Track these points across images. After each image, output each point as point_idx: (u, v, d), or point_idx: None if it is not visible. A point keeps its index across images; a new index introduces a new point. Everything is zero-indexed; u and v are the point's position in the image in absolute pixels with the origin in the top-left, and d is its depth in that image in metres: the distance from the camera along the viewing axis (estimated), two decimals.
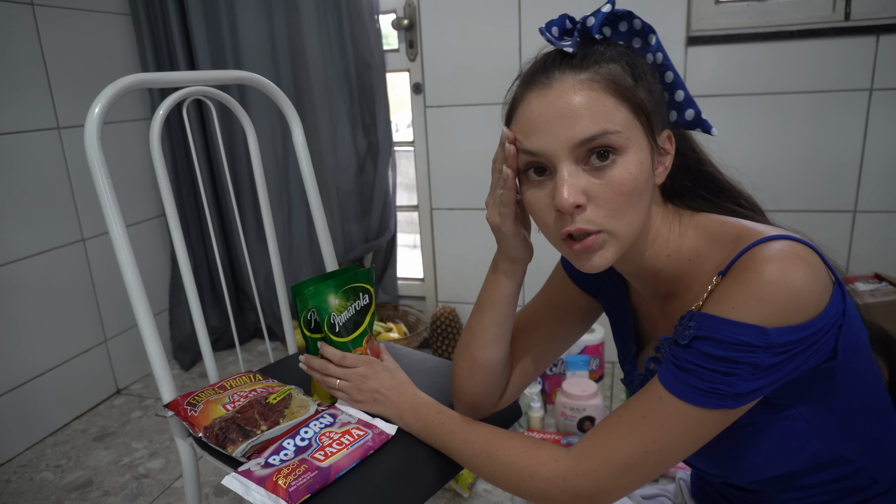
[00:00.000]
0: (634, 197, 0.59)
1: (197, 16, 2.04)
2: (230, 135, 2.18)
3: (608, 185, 0.58)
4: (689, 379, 0.57)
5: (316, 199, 1.21)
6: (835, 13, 1.67)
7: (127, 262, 0.89)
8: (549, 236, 0.64)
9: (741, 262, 0.57)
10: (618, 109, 0.58)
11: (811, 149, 1.75)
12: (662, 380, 0.59)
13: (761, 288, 0.53)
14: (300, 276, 2.25)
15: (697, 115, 0.64)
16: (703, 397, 0.56)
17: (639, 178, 0.59)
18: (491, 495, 1.48)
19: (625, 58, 0.60)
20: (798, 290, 0.53)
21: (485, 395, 0.82)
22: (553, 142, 0.58)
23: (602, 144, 0.57)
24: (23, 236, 1.74)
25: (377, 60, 1.99)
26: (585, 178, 0.59)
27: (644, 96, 0.60)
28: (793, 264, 0.54)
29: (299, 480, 0.73)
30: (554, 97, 0.59)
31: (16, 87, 1.70)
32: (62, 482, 1.61)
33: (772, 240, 0.56)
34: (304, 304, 0.94)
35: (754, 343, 0.53)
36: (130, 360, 2.11)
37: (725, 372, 0.55)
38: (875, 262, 1.74)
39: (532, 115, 0.60)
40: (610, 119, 0.57)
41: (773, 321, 0.53)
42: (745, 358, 0.54)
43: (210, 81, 1.07)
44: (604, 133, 0.57)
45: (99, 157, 0.86)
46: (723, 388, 0.55)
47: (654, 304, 0.72)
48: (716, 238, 0.63)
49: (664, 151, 0.64)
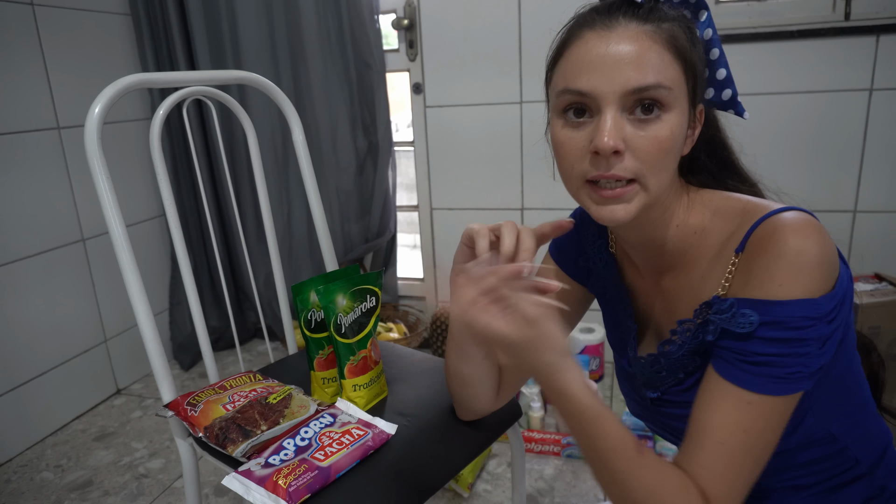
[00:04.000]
0: (670, 156, 0.60)
1: (197, 16, 2.04)
2: (230, 135, 2.18)
3: (649, 139, 0.58)
4: (770, 371, 0.56)
5: (316, 199, 1.21)
6: (835, 13, 1.67)
7: (127, 262, 0.89)
8: (571, 180, 0.63)
9: (761, 237, 0.57)
10: (673, 66, 0.59)
11: (811, 149, 1.75)
12: (742, 383, 0.57)
13: (797, 260, 0.54)
14: (300, 276, 2.25)
15: (734, 95, 0.65)
16: (787, 384, 0.56)
17: (677, 139, 0.60)
18: (491, 495, 1.48)
19: (685, 21, 0.62)
20: (826, 255, 0.55)
21: (477, 401, 0.83)
22: (606, 84, 0.57)
23: (652, 97, 0.58)
24: (23, 236, 1.74)
25: (377, 60, 1.99)
26: (629, 127, 0.58)
27: (697, 61, 0.61)
28: (814, 232, 0.55)
29: (299, 480, 0.73)
30: (616, 40, 0.58)
31: (16, 87, 1.70)
32: (62, 482, 1.61)
33: (781, 212, 0.58)
34: (304, 304, 0.94)
35: (812, 316, 0.54)
36: (130, 360, 2.11)
37: (798, 353, 0.55)
38: (875, 262, 1.74)
39: (589, 54, 0.59)
40: (665, 74, 0.58)
41: (818, 289, 0.54)
42: (811, 333, 0.54)
43: (210, 81, 1.07)
44: (657, 86, 0.57)
45: (99, 157, 0.86)
46: (801, 370, 0.55)
47: (651, 280, 0.72)
48: (720, 212, 0.64)
49: (696, 123, 0.64)
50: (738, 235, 0.60)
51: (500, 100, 1.96)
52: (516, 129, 1.97)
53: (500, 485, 1.51)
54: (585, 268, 0.81)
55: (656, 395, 0.70)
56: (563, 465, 1.57)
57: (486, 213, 2.08)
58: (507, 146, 1.99)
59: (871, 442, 0.67)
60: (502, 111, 1.96)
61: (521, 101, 1.94)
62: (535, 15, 1.86)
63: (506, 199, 2.04)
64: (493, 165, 2.02)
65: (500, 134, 2.00)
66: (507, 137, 1.98)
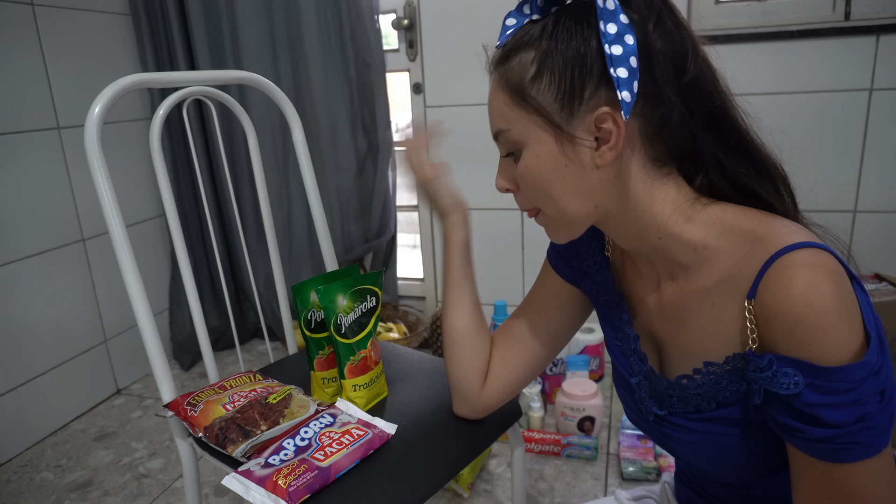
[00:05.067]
0: (541, 185, 0.63)
1: (197, 16, 2.04)
2: (230, 135, 2.18)
3: (519, 175, 0.64)
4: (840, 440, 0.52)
5: (316, 199, 1.21)
6: (835, 13, 1.67)
7: (127, 262, 0.89)
8: None
9: (772, 286, 0.54)
10: (511, 108, 0.62)
11: (811, 149, 1.75)
12: (816, 455, 0.54)
13: (820, 322, 0.51)
14: (300, 276, 2.25)
15: (633, 98, 0.57)
16: (861, 450, 0.52)
17: (539, 170, 0.62)
18: (491, 495, 1.48)
19: (543, 41, 0.59)
20: (844, 303, 0.51)
21: (465, 374, 0.84)
22: None
23: (504, 141, 0.64)
24: (23, 236, 1.74)
25: (377, 60, 1.99)
26: (513, 167, 0.65)
27: (543, 89, 0.59)
28: (826, 281, 0.51)
29: (299, 480, 0.73)
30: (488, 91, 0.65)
31: (16, 87, 1.70)
32: (62, 482, 1.61)
33: (793, 249, 0.53)
34: (304, 304, 0.94)
35: (860, 377, 0.51)
36: (130, 360, 2.11)
37: (859, 417, 0.51)
38: (875, 262, 1.74)
39: None
40: (506, 117, 0.62)
41: (853, 343, 0.51)
42: (863, 392, 0.51)
43: (210, 81, 1.07)
44: (498, 132, 0.64)
45: (99, 157, 0.86)
46: (870, 430, 0.52)
47: (651, 287, 0.69)
48: (728, 233, 0.59)
49: (601, 132, 0.58)
50: (747, 269, 0.56)
51: None
52: None
53: (500, 485, 1.51)
54: (580, 269, 0.79)
55: (663, 413, 0.67)
56: (563, 465, 1.57)
57: (486, 213, 2.08)
58: None
59: None
60: None
61: None
62: None
63: (505, 199, 2.04)
64: (493, 165, 2.00)
65: None
66: None
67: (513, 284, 2.11)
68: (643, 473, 1.49)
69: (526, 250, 2.07)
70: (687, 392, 0.64)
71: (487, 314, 2.15)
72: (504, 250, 2.09)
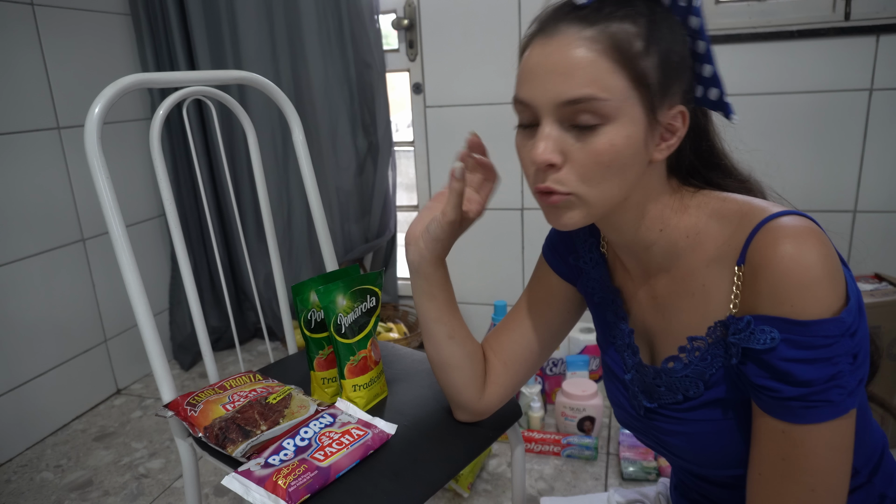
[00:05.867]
0: (613, 169, 0.57)
1: (197, 16, 2.04)
2: (230, 135, 2.18)
3: (586, 151, 0.56)
4: (807, 400, 0.53)
5: (316, 199, 1.21)
6: (835, 13, 1.67)
7: (127, 262, 0.89)
8: (529, 186, 0.63)
9: (760, 247, 0.55)
10: (613, 75, 0.55)
11: (811, 149, 1.75)
12: (781, 416, 0.55)
13: (805, 277, 0.52)
14: (300, 276, 2.25)
15: (721, 96, 0.61)
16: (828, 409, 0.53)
17: (622, 152, 0.56)
18: (491, 495, 1.48)
19: (645, 16, 0.56)
20: (830, 264, 0.52)
21: (460, 392, 0.82)
22: (541, 95, 0.57)
23: (587, 109, 0.55)
24: (23, 236, 1.74)
25: (377, 60, 1.99)
26: (567, 138, 0.57)
27: (650, 67, 0.56)
28: (813, 240, 0.53)
29: (299, 480, 0.73)
30: (552, 50, 0.56)
31: (16, 87, 1.70)
32: (62, 482, 1.61)
33: (779, 216, 0.55)
34: (304, 304, 0.94)
35: (834, 333, 0.52)
36: (130, 360, 2.11)
37: (829, 375, 0.52)
38: (875, 262, 1.74)
39: (529, 64, 0.58)
40: (601, 84, 0.54)
41: (833, 304, 0.52)
42: (837, 350, 0.52)
43: (210, 81, 1.07)
44: (590, 98, 0.54)
45: (99, 157, 0.86)
46: (839, 391, 0.53)
47: (642, 283, 0.70)
48: (716, 215, 0.61)
49: (671, 128, 0.60)
50: (735, 241, 0.58)
51: (500, 100, 1.96)
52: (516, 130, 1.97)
53: (500, 485, 1.51)
54: (576, 266, 0.79)
55: (653, 405, 0.68)
56: (563, 465, 1.57)
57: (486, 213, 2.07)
58: (507, 146, 1.98)
59: (867, 449, 0.65)
60: (502, 111, 1.96)
61: None
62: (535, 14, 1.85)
63: (506, 199, 2.04)
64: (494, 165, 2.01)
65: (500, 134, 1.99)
66: (507, 137, 1.98)
67: (513, 284, 2.11)
68: (643, 473, 1.49)
69: (526, 250, 2.07)
70: (674, 377, 0.64)
71: (487, 314, 2.15)
72: (504, 250, 2.09)
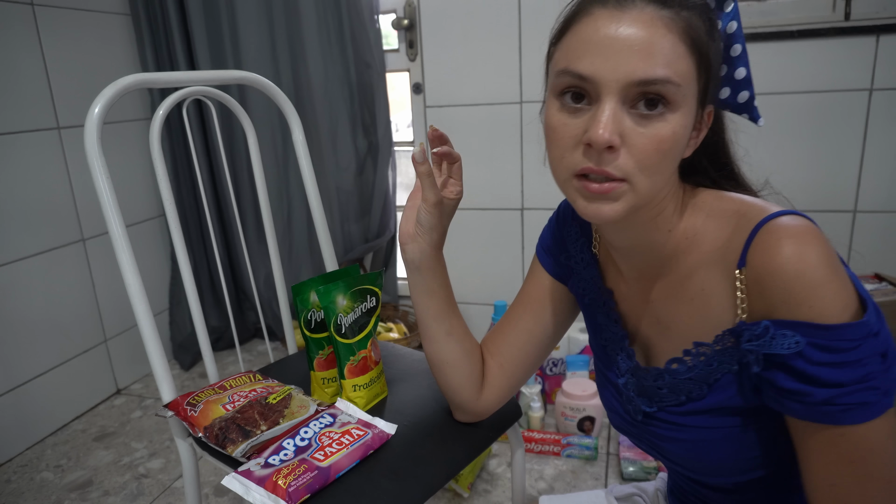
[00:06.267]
0: (668, 159, 0.55)
1: (197, 16, 2.04)
2: (230, 135, 2.18)
3: (648, 137, 0.53)
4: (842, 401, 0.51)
5: (316, 199, 1.21)
6: (835, 13, 1.67)
7: (127, 262, 0.89)
8: (560, 170, 0.58)
9: (762, 249, 0.54)
10: (686, 61, 0.53)
11: (811, 149, 1.75)
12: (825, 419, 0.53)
13: (814, 277, 0.50)
14: (300, 276, 2.25)
15: (751, 98, 0.61)
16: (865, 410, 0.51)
17: (679, 141, 0.55)
18: (491, 495, 1.48)
19: (707, 12, 0.56)
20: (834, 261, 0.52)
21: (457, 392, 0.82)
22: (610, 71, 0.52)
23: (659, 93, 0.52)
24: (23, 236, 1.74)
25: (377, 60, 1.99)
26: (628, 121, 0.53)
27: (713, 59, 0.55)
28: (815, 239, 0.52)
29: (299, 480, 0.73)
30: (628, 22, 0.52)
31: (16, 87, 1.70)
32: (62, 482, 1.61)
33: (777, 216, 0.54)
34: (304, 305, 0.94)
35: (861, 336, 0.50)
36: (130, 360, 2.11)
37: (860, 377, 0.50)
38: (875, 262, 1.74)
39: (596, 34, 0.53)
40: (676, 68, 0.52)
41: (849, 302, 0.51)
42: (864, 352, 0.50)
43: (210, 81, 1.07)
44: (666, 81, 0.52)
45: (99, 157, 0.86)
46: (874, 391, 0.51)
47: (637, 286, 0.68)
48: (713, 214, 0.60)
49: (702, 125, 0.60)
50: (734, 243, 0.57)
51: (500, 100, 1.96)
52: (516, 129, 1.97)
53: (500, 485, 1.51)
54: (567, 266, 0.78)
55: (652, 409, 0.66)
56: (563, 465, 1.57)
57: (486, 213, 2.08)
58: (507, 146, 1.99)
59: None
60: (502, 111, 1.96)
61: (521, 101, 1.94)
62: (535, 15, 1.85)
63: (506, 199, 2.04)
64: (493, 165, 2.02)
65: (500, 134, 2.00)
66: (507, 137, 1.98)
67: (513, 284, 2.11)
68: (643, 473, 1.49)
69: (526, 250, 2.07)
70: (678, 378, 0.63)
71: (487, 314, 2.15)
72: (504, 250, 2.09)
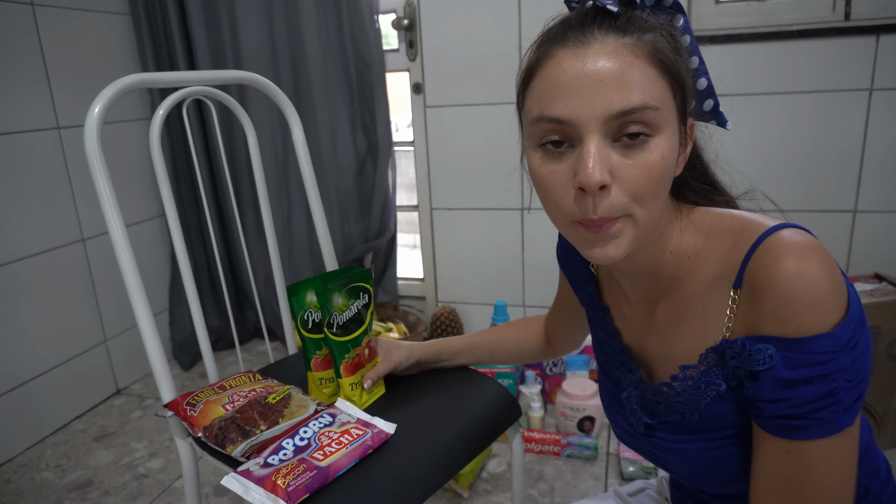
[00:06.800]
0: (661, 183, 0.54)
1: (197, 16, 2.04)
2: (230, 135, 2.18)
3: (638, 167, 0.52)
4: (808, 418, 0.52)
5: (316, 199, 1.21)
6: (835, 13, 1.67)
7: (127, 262, 0.89)
8: (558, 217, 0.57)
9: (760, 267, 0.53)
10: (659, 83, 0.52)
11: (811, 149, 1.74)
12: (777, 432, 0.53)
13: (810, 296, 0.50)
14: (300, 276, 2.25)
15: (716, 106, 0.61)
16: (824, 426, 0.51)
17: (669, 164, 0.53)
18: (491, 495, 1.48)
19: (668, 29, 0.55)
20: (834, 279, 0.50)
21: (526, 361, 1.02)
22: (586, 109, 0.51)
23: (639, 120, 0.51)
24: (23, 236, 1.74)
25: (377, 60, 1.99)
26: (614, 155, 0.52)
27: (684, 75, 0.55)
28: (815, 255, 0.51)
29: (298, 480, 0.73)
30: (593, 57, 0.51)
31: (16, 87, 1.70)
32: (62, 482, 1.61)
33: (776, 230, 0.54)
34: (300, 305, 0.94)
35: (833, 349, 0.50)
36: (130, 360, 2.11)
37: (825, 392, 0.50)
38: (875, 262, 1.74)
39: (563, 76, 0.52)
40: (651, 93, 0.51)
41: (832, 319, 0.50)
42: (834, 367, 0.50)
43: (210, 81, 1.07)
44: (644, 107, 0.51)
45: (99, 157, 0.86)
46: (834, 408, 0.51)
47: (642, 308, 0.67)
48: (713, 233, 0.60)
49: (687, 140, 0.59)
50: (732, 261, 0.56)
51: (500, 100, 1.96)
52: (516, 129, 1.96)
53: (500, 485, 1.51)
54: (573, 279, 0.80)
55: (654, 422, 0.66)
56: (563, 465, 1.57)
57: (485, 213, 2.08)
58: (508, 146, 1.99)
59: (862, 469, 0.63)
60: (502, 111, 1.96)
61: None
62: (536, 14, 1.85)
63: (506, 199, 2.04)
64: (494, 165, 2.02)
65: (500, 134, 2.00)
66: (507, 137, 1.98)
67: (513, 284, 2.11)
68: (643, 473, 1.49)
69: (526, 250, 2.07)
70: (669, 400, 0.63)
71: (487, 314, 2.15)
72: (504, 250, 2.09)
